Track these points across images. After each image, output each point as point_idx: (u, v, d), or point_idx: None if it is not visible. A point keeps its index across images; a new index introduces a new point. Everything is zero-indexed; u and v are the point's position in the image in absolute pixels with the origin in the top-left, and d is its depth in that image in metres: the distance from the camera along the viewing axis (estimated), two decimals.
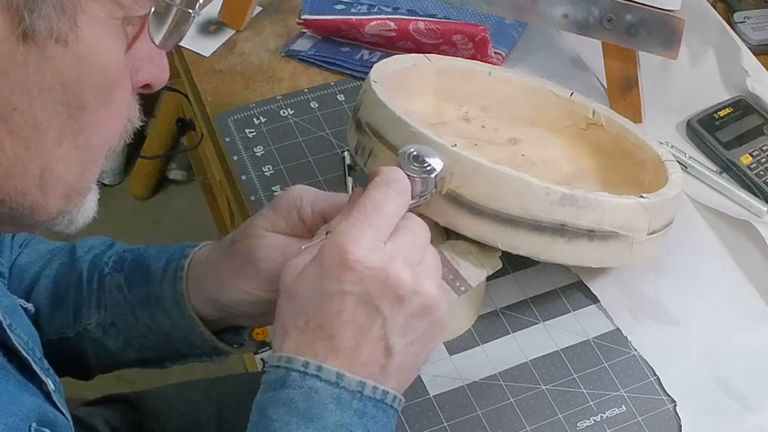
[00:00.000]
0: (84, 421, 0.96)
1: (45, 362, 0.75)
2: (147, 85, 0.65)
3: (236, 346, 0.89)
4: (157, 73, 0.65)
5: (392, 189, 0.70)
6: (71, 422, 0.76)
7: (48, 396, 0.73)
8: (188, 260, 0.85)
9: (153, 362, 0.91)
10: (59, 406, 0.74)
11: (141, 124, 0.67)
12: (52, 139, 0.60)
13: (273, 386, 0.68)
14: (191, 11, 0.62)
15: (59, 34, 0.56)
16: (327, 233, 0.70)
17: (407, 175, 0.73)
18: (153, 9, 0.60)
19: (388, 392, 0.69)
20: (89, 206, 0.67)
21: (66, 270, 0.90)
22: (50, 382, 0.73)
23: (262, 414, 0.68)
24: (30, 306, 0.82)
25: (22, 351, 0.71)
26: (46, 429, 0.68)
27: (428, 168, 0.74)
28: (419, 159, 0.74)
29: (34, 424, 0.67)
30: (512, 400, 0.88)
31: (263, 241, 0.80)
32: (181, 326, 0.85)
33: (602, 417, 0.87)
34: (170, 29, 0.62)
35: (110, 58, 0.59)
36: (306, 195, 0.80)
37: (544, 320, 0.93)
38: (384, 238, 0.69)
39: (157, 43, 0.62)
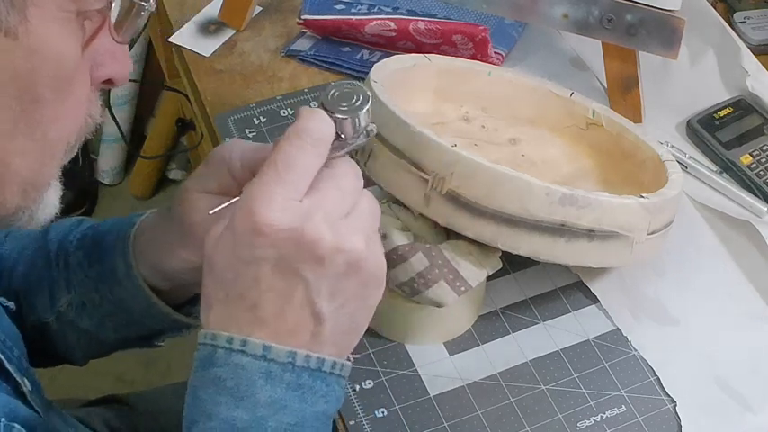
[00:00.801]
0: (83, 422, 0.96)
1: (24, 361, 0.74)
2: (109, 81, 0.65)
3: (196, 316, 0.84)
4: (119, 68, 0.64)
5: (305, 140, 0.64)
6: (46, 422, 0.74)
7: (23, 396, 0.72)
8: (134, 229, 0.82)
9: (134, 341, 0.89)
10: (35, 407, 0.73)
11: (101, 121, 0.66)
12: (5, 132, 0.59)
13: (203, 365, 0.64)
14: (144, 3, 0.62)
15: (9, 28, 0.57)
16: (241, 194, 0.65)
17: (334, 118, 0.66)
18: (113, 4, 0.60)
19: (324, 360, 0.64)
20: (49, 202, 0.66)
21: (39, 253, 0.88)
22: (27, 382, 0.73)
23: (194, 395, 0.65)
24: (11, 304, 0.80)
25: None
26: (16, 425, 0.66)
27: (355, 105, 0.67)
28: (345, 97, 0.67)
29: (4, 419, 0.65)
30: (512, 400, 0.88)
31: (196, 204, 0.76)
32: (137, 298, 0.83)
33: (602, 417, 0.87)
34: (121, 19, 0.62)
35: (63, 51, 0.59)
36: (236, 149, 0.76)
37: (544, 320, 0.93)
38: (299, 195, 0.63)
39: (114, 34, 0.62)
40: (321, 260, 0.63)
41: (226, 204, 0.67)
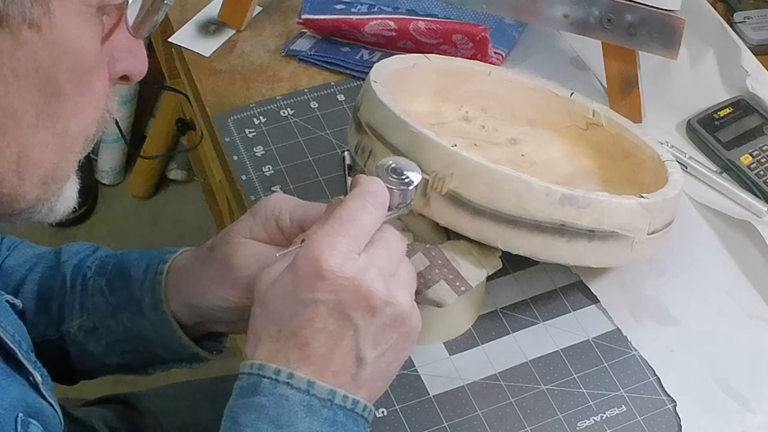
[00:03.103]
0: (82, 422, 0.96)
1: (32, 355, 0.75)
2: (125, 77, 0.66)
3: (215, 353, 0.89)
4: (136, 64, 0.66)
5: (368, 201, 0.70)
6: (59, 413, 0.75)
7: (35, 387, 0.73)
8: (167, 265, 0.85)
9: (135, 367, 0.91)
10: (47, 397, 0.74)
11: (117, 116, 0.68)
12: (29, 125, 0.61)
13: (245, 393, 0.69)
14: None
15: (33, 20, 0.58)
16: (302, 242, 0.71)
17: (387, 187, 0.73)
18: (130, 1, 0.62)
19: (358, 402, 0.69)
20: (68, 195, 0.67)
21: (51, 274, 0.90)
22: (38, 374, 0.73)
23: (233, 420, 0.68)
24: (18, 302, 0.82)
25: (7, 342, 0.70)
26: (32, 420, 0.67)
27: (406, 181, 0.74)
28: (397, 172, 0.74)
29: (21, 414, 0.66)
30: (512, 400, 0.88)
31: (240, 248, 0.80)
32: (160, 331, 0.85)
33: (602, 417, 0.87)
34: (142, 15, 0.63)
35: (84, 45, 0.61)
36: (285, 204, 0.81)
37: (544, 320, 0.93)
38: (358, 248, 0.69)
39: (130, 29, 0.63)
40: (373, 310, 0.68)
41: (291, 250, 0.72)
